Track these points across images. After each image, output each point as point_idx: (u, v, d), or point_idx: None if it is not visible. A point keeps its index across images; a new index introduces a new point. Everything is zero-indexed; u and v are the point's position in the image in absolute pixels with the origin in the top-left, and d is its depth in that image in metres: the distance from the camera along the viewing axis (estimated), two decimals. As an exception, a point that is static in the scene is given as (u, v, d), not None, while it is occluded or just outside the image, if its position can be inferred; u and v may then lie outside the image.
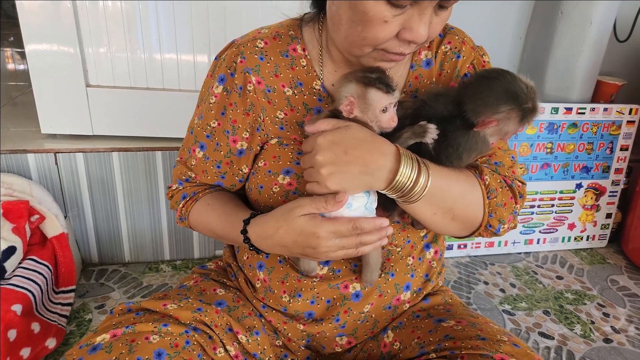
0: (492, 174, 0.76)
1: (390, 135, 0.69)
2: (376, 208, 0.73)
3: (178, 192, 0.88)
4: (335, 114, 0.69)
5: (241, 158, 0.81)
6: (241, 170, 0.82)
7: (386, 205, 0.73)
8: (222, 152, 0.81)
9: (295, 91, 0.78)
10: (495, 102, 0.65)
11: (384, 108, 0.67)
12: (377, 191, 0.70)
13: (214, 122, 0.80)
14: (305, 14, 0.80)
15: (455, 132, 0.67)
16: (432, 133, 0.66)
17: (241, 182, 0.85)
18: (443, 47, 0.80)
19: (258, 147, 0.80)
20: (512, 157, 0.81)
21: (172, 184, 0.90)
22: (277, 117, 0.78)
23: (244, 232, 0.76)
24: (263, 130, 0.79)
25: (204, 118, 0.81)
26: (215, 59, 0.81)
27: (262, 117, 0.78)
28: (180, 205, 0.86)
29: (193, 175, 0.85)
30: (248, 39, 0.78)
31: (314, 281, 0.78)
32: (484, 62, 0.82)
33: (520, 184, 0.79)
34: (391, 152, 0.65)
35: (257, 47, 0.77)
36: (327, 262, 0.79)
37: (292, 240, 0.68)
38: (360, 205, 0.69)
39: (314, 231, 0.66)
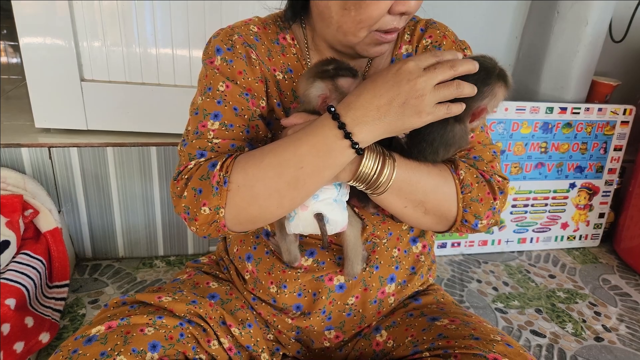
0: (469, 168, 0.74)
1: None
2: (351, 199, 0.74)
3: (200, 167, 0.68)
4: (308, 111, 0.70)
5: (264, 126, 0.76)
6: (266, 137, 0.76)
7: (361, 197, 0.74)
8: (245, 116, 0.73)
9: (286, 76, 0.79)
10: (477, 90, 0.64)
11: None
12: (349, 185, 0.71)
13: (222, 86, 0.73)
14: (285, 10, 0.80)
15: (429, 127, 0.66)
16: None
17: None
18: (424, 41, 0.81)
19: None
20: (494, 152, 0.80)
21: (185, 163, 0.71)
22: (271, 95, 0.79)
23: (332, 110, 0.62)
24: (270, 98, 0.78)
25: (212, 89, 0.73)
26: (206, 44, 0.80)
27: (269, 85, 0.78)
28: (217, 168, 0.65)
29: (218, 142, 0.70)
30: (241, 24, 0.79)
31: (298, 272, 0.79)
32: (465, 56, 0.81)
33: (500, 179, 0.77)
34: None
35: (252, 30, 0.78)
36: (311, 254, 0.79)
37: (389, 81, 0.61)
38: (328, 197, 0.69)
39: (399, 66, 0.61)
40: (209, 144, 0.71)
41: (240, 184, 0.65)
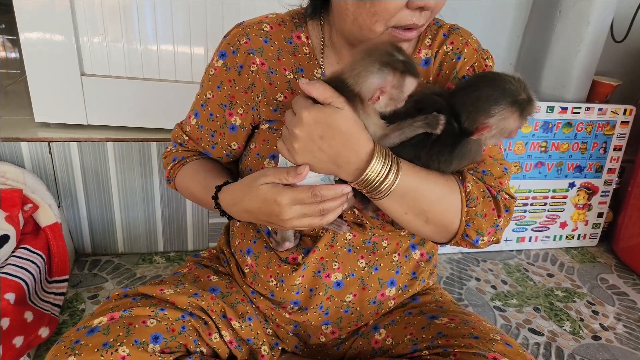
0: (476, 182, 0.73)
1: (394, 118, 0.66)
2: (353, 198, 0.72)
3: (170, 154, 0.90)
4: (337, 83, 0.64)
5: (232, 134, 0.82)
6: (230, 146, 0.84)
7: (362, 198, 0.73)
8: (217, 123, 0.83)
9: (296, 76, 0.79)
10: (486, 106, 0.63)
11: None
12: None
13: (209, 94, 0.82)
14: (306, 7, 0.80)
15: (449, 138, 0.65)
16: (442, 125, 0.64)
17: (228, 157, 0.87)
18: (445, 47, 0.79)
19: (250, 127, 0.82)
20: (505, 169, 0.78)
21: (168, 146, 0.92)
22: (276, 100, 0.79)
23: (215, 197, 0.77)
24: (257, 110, 0.80)
25: (204, 88, 0.83)
26: (224, 37, 0.81)
27: (259, 98, 0.79)
28: (169, 167, 0.89)
29: (186, 139, 0.87)
30: (254, 22, 0.79)
31: (294, 267, 0.79)
32: (487, 66, 0.80)
33: (507, 196, 0.75)
34: (366, 151, 0.64)
35: (263, 30, 0.78)
36: (307, 252, 0.79)
37: (257, 207, 0.69)
38: (316, 174, 0.67)
39: (274, 198, 0.66)
40: (183, 136, 0.88)
41: (177, 186, 0.90)
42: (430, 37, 0.80)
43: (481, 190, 0.72)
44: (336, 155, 0.64)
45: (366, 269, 0.80)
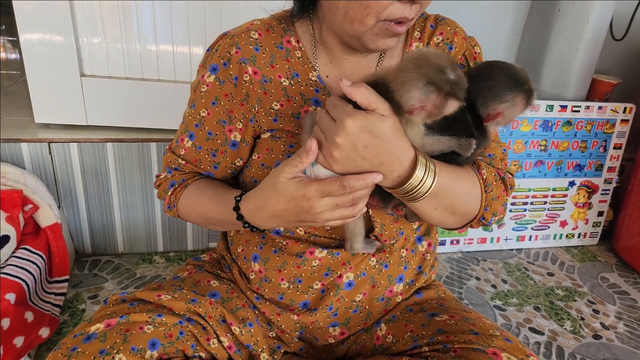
0: (488, 167, 0.76)
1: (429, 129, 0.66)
2: (372, 198, 0.72)
3: (166, 180, 0.85)
4: (379, 87, 0.61)
5: (234, 151, 0.80)
6: (234, 163, 0.82)
7: (383, 198, 0.73)
8: (218, 141, 0.80)
9: (292, 82, 0.77)
10: (500, 92, 0.65)
11: None
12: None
13: (204, 112, 0.79)
14: (292, 8, 0.79)
15: (468, 132, 0.67)
16: (472, 150, 0.65)
17: (232, 174, 0.85)
18: (435, 39, 0.80)
19: (252, 139, 0.80)
20: (504, 150, 0.82)
21: (160, 172, 0.88)
22: (272, 109, 0.77)
23: (237, 208, 0.74)
24: (257, 122, 0.78)
25: (195, 107, 0.80)
26: (208, 50, 0.80)
27: (256, 109, 0.77)
28: (169, 193, 0.83)
29: (183, 163, 0.83)
30: (241, 30, 0.78)
31: (314, 266, 0.78)
32: (476, 53, 0.82)
33: (510, 176, 0.80)
34: (408, 159, 0.63)
35: (252, 37, 0.77)
36: (326, 247, 0.78)
37: (285, 207, 0.66)
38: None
39: (302, 193, 0.63)
40: (177, 160, 0.84)
41: (180, 212, 0.85)
42: (418, 29, 0.81)
43: (493, 174, 0.76)
44: (379, 165, 0.62)
45: (377, 266, 0.80)
